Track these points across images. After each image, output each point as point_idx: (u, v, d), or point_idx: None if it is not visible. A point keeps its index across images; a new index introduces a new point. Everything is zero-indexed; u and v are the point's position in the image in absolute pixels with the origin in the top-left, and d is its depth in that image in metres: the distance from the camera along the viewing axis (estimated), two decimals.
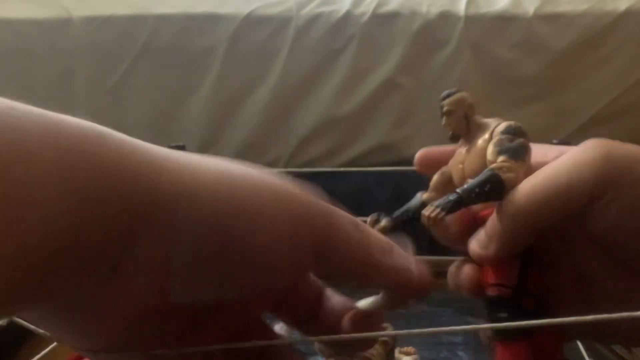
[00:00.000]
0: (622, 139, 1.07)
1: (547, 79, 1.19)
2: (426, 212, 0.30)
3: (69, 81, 1.10)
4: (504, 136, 0.31)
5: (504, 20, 1.17)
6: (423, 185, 0.37)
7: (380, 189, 1.13)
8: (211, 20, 1.11)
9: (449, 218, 0.30)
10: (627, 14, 1.18)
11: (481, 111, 1.25)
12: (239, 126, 1.14)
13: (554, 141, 0.65)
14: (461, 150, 0.34)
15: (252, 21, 1.12)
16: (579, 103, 1.20)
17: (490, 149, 0.31)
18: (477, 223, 0.30)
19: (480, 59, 1.17)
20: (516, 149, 0.31)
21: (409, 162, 1.30)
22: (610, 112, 1.21)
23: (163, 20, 1.10)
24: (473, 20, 1.16)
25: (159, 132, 1.12)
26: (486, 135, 0.32)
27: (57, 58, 1.09)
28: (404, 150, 1.17)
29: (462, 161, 0.32)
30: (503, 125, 0.32)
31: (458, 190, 0.29)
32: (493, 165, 0.30)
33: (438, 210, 0.29)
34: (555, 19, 1.18)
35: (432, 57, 1.16)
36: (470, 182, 0.30)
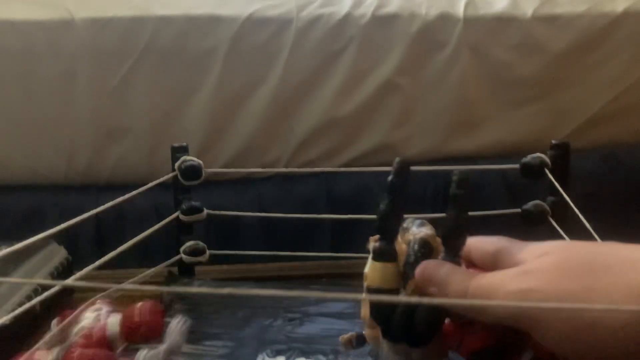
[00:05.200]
0: (620, 138, 1.08)
1: (546, 80, 1.20)
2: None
3: (71, 82, 1.10)
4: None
5: (502, 22, 1.17)
6: (421, 184, 0.39)
7: (379, 189, 1.14)
8: (212, 21, 1.12)
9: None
10: (625, 16, 1.19)
11: (480, 112, 1.26)
12: (240, 127, 1.14)
13: (553, 142, 0.65)
14: None
15: (252, 23, 1.12)
16: (577, 104, 1.21)
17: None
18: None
19: (479, 60, 1.18)
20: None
21: (408, 163, 1.28)
22: (608, 112, 1.21)
23: (164, 21, 1.11)
24: (472, 22, 1.16)
25: (161, 132, 1.13)
26: None
27: (59, 59, 1.10)
28: (404, 151, 1.18)
29: None
30: None
31: None
32: None
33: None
34: (554, 21, 1.19)
35: (432, 58, 1.17)
36: None
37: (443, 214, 0.36)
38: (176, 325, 0.45)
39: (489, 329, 0.34)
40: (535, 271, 0.31)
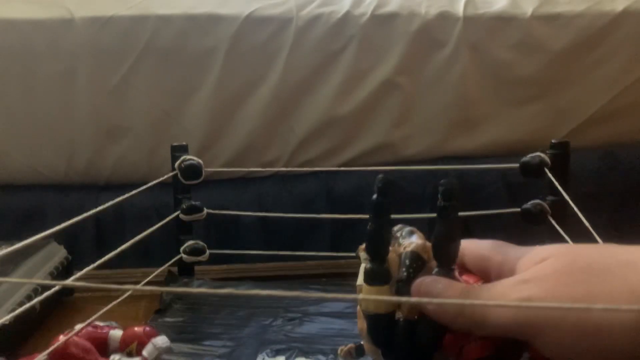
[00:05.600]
0: (620, 138, 1.08)
1: (546, 79, 1.20)
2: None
3: (71, 81, 1.10)
4: None
5: (502, 21, 1.17)
6: (421, 183, 0.39)
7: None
8: (212, 20, 1.12)
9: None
10: (625, 14, 1.19)
11: (480, 111, 1.26)
12: (240, 126, 1.14)
13: (553, 141, 0.65)
14: None
15: (252, 22, 1.12)
16: (577, 103, 1.21)
17: None
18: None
19: (479, 59, 1.18)
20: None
21: (408, 162, 1.32)
22: (608, 111, 1.21)
23: (164, 20, 1.11)
24: (471, 21, 1.16)
25: (161, 132, 1.13)
26: None
27: (59, 58, 1.10)
28: (403, 150, 1.18)
29: None
30: None
31: None
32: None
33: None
34: (554, 20, 1.19)
35: (431, 57, 1.17)
36: None
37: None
38: (159, 344, 0.45)
39: (488, 338, 0.33)
40: (534, 279, 0.31)
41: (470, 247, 0.37)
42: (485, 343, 0.33)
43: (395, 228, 0.38)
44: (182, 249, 0.68)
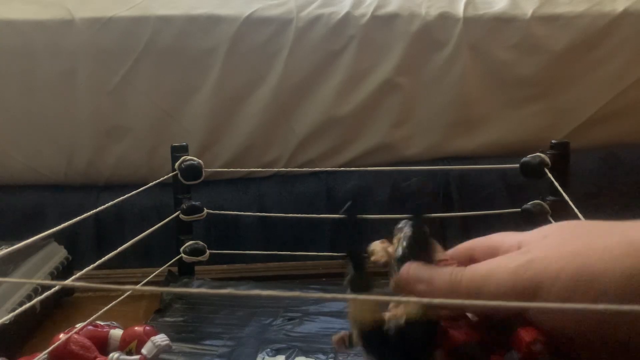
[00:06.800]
0: (620, 138, 1.09)
1: (546, 79, 1.20)
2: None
3: (71, 82, 1.10)
4: None
5: (502, 22, 1.17)
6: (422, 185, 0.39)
7: (379, 188, 1.14)
8: (212, 21, 1.12)
9: None
10: (625, 15, 1.19)
11: (480, 111, 1.26)
12: (240, 126, 1.15)
13: (553, 141, 0.65)
14: None
15: (252, 22, 1.12)
16: (577, 104, 1.21)
17: None
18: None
19: (479, 60, 1.18)
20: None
21: (408, 162, 1.32)
22: (608, 112, 1.21)
23: (164, 21, 1.11)
24: (472, 22, 1.16)
25: (161, 132, 1.13)
26: None
27: (59, 59, 1.10)
28: (403, 151, 1.18)
29: None
30: None
31: None
32: None
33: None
34: (554, 20, 1.19)
35: (431, 58, 1.17)
36: None
37: (441, 214, 0.36)
38: (158, 341, 0.45)
39: (474, 326, 0.33)
40: (535, 247, 0.32)
41: (479, 242, 0.37)
42: (469, 331, 0.33)
43: (401, 223, 0.38)
44: (182, 249, 0.68)
